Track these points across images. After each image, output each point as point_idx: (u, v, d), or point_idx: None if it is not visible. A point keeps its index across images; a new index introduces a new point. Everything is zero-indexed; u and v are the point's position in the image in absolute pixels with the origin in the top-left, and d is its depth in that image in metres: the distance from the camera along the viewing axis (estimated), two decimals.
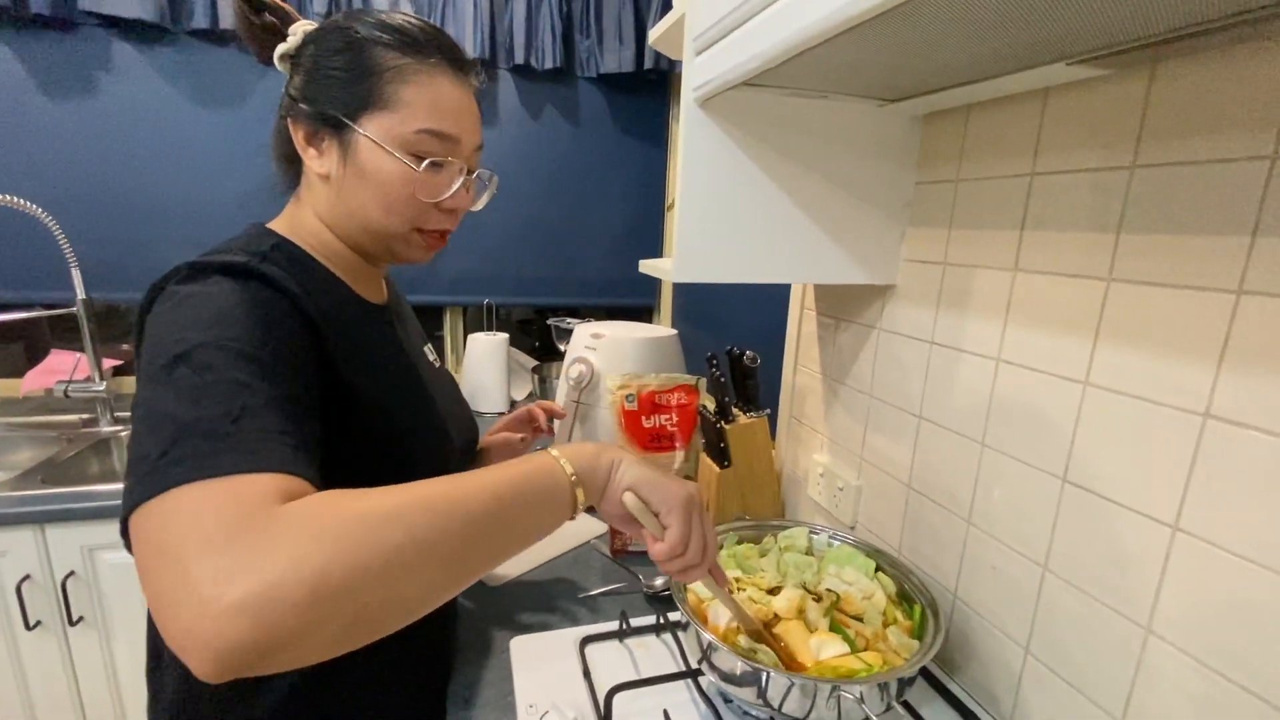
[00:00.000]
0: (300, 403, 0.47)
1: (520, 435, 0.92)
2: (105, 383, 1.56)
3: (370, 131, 0.58)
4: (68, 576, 1.25)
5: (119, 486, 1.26)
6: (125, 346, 1.82)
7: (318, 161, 0.60)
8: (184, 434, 0.39)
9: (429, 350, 0.82)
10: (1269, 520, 0.45)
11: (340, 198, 0.61)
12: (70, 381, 1.53)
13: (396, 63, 0.58)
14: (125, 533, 0.39)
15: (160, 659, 0.62)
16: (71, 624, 1.27)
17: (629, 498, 0.53)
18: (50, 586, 1.25)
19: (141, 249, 1.67)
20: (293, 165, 0.65)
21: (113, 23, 1.56)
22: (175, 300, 0.49)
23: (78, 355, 1.61)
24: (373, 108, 0.58)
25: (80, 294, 1.50)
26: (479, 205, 0.70)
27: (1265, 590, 0.45)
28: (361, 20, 0.60)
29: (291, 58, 0.62)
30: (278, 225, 0.64)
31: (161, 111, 1.65)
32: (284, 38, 0.62)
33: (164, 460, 0.38)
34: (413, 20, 0.60)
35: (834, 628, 0.67)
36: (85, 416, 1.61)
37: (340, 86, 0.58)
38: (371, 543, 0.36)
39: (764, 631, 0.66)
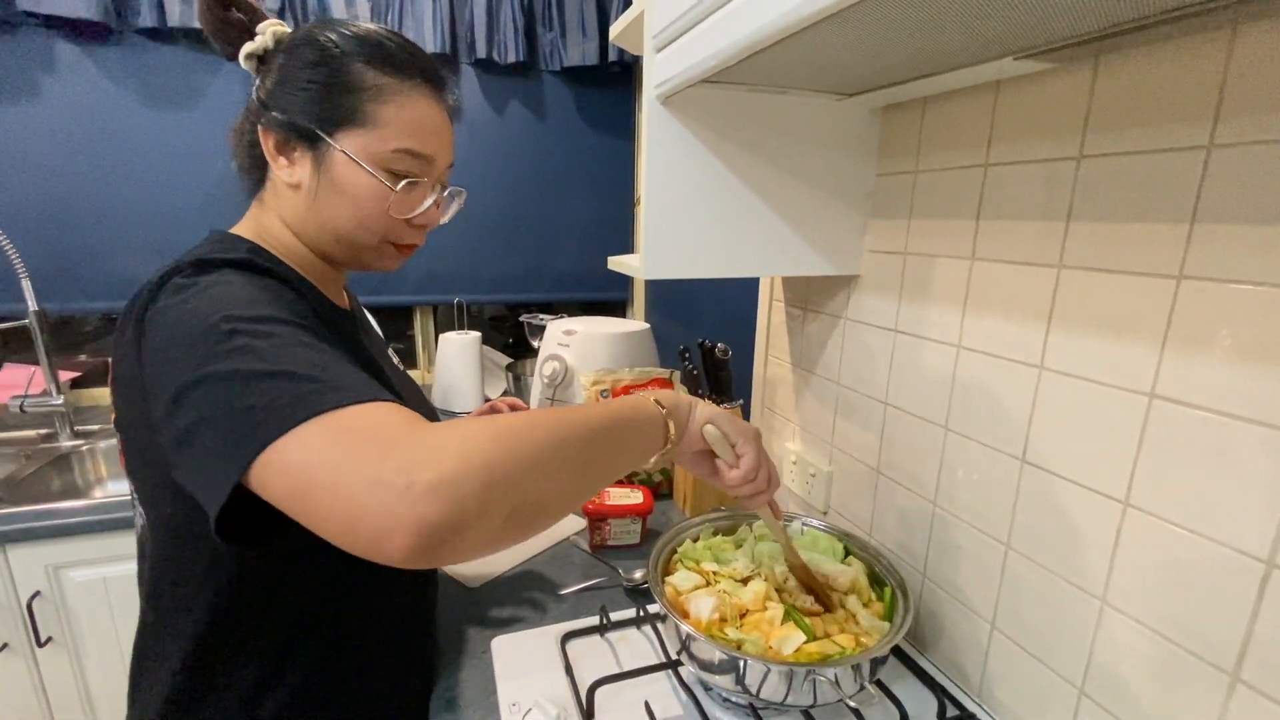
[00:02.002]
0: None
1: None
2: (63, 396, 1.52)
3: (347, 147, 0.58)
4: (33, 597, 1.21)
5: (84, 503, 1.24)
6: (82, 358, 1.76)
7: (287, 171, 0.60)
8: (294, 378, 0.42)
9: (392, 354, 0.83)
10: (1209, 493, 0.47)
11: (311, 208, 0.60)
12: (26, 396, 1.48)
13: (376, 81, 0.58)
14: (233, 496, 0.41)
15: (140, 682, 0.61)
16: (40, 645, 1.23)
17: (710, 429, 0.61)
18: (15, 608, 1.21)
19: (95, 257, 1.61)
20: (256, 170, 0.63)
21: (55, 23, 1.50)
22: (193, 290, 0.49)
23: (32, 369, 1.56)
24: (351, 124, 0.57)
25: (32, 305, 1.45)
26: (445, 219, 0.71)
27: (1205, 558, 0.48)
28: (339, 33, 0.58)
29: (259, 59, 0.61)
30: (242, 231, 0.62)
31: (110, 113, 1.59)
32: (252, 35, 0.60)
33: (291, 401, 0.40)
34: (392, 38, 0.60)
35: (790, 616, 0.68)
36: (44, 431, 1.56)
37: (317, 100, 0.57)
38: (521, 443, 0.42)
39: (807, 573, 0.72)
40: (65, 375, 1.59)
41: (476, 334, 1.76)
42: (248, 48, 0.60)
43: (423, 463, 0.37)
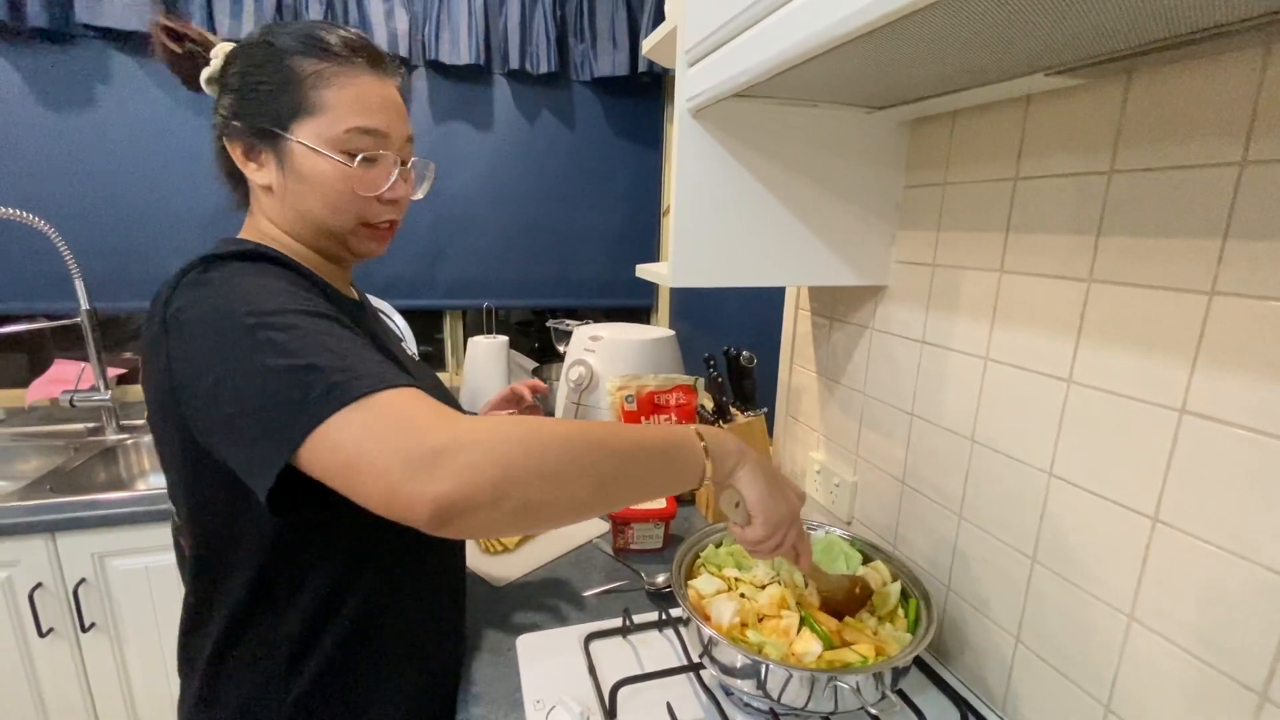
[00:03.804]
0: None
1: (508, 411, 0.97)
2: (110, 392, 1.58)
3: (302, 137, 0.60)
4: (79, 584, 1.27)
5: (128, 494, 1.29)
6: (128, 355, 1.83)
7: (259, 174, 0.62)
8: (319, 370, 0.45)
9: (406, 346, 0.85)
10: (1240, 510, 0.47)
11: (286, 204, 0.63)
12: (76, 391, 1.55)
13: (316, 68, 0.59)
14: (282, 478, 0.45)
15: (190, 658, 0.64)
16: (84, 630, 1.29)
17: (727, 494, 0.61)
18: (62, 594, 1.27)
19: (144, 258, 1.68)
20: (238, 183, 0.67)
21: (109, 34, 1.58)
22: (209, 288, 0.52)
23: (82, 365, 1.63)
24: (301, 114, 0.59)
25: (84, 304, 1.52)
26: (419, 194, 0.72)
27: (1236, 576, 0.47)
28: (278, 34, 0.61)
29: (218, 80, 0.64)
30: (246, 236, 0.65)
31: (160, 121, 1.66)
32: (207, 62, 0.63)
33: (326, 389, 0.44)
34: (329, 28, 0.62)
35: (805, 624, 0.68)
36: (91, 425, 1.63)
37: (267, 99, 0.60)
38: (543, 449, 0.46)
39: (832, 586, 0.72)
40: (113, 372, 1.66)
41: (504, 338, 1.79)
42: (206, 73, 0.63)
43: (450, 449, 0.42)
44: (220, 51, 0.63)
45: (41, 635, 1.26)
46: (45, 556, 1.24)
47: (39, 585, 1.24)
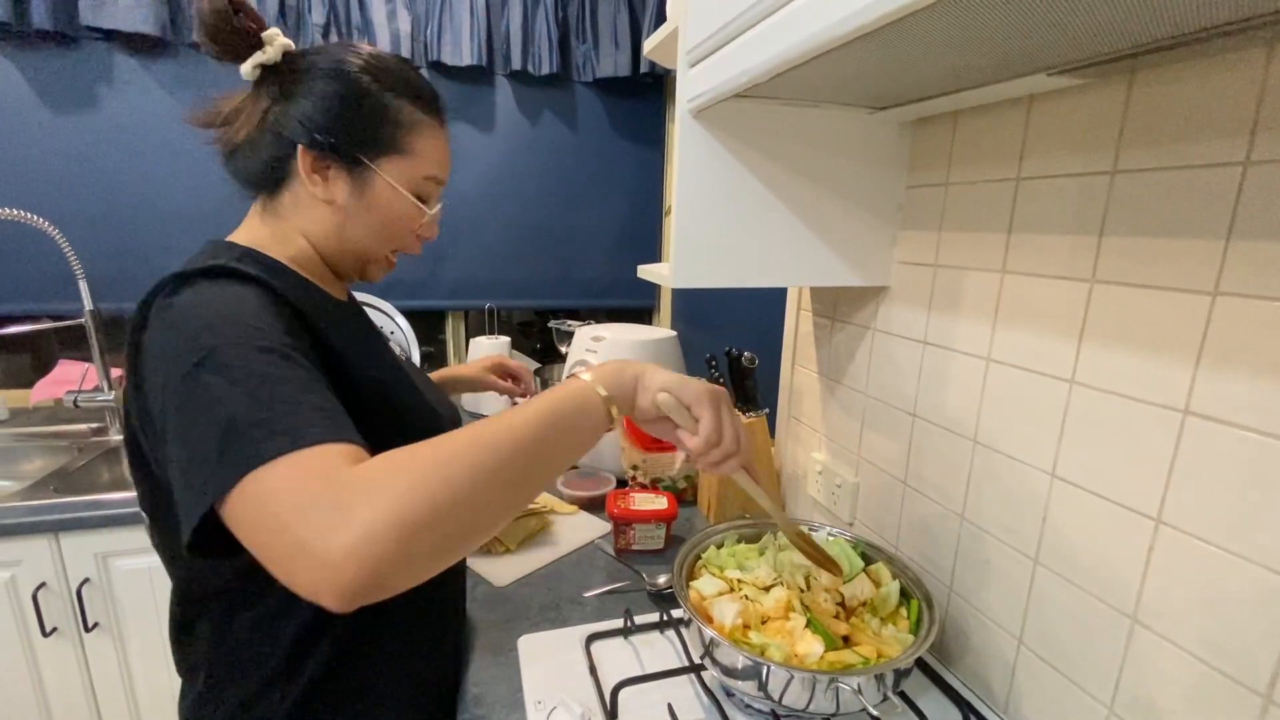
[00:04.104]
0: (321, 380, 0.50)
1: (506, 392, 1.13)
2: (114, 392, 1.59)
3: (388, 174, 0.64)
4: (82, 583, 1.27)
5: (131, 494, 1.28)
6: None
7: (322, 189, 0.63)
8: (235, 428, 0.43)
9: (395, 347, 0.87)
10: (1244, 512, 0.47)
11: (343, 225, 0.65)
12: (79, 391, 1.55)
13: (414, 118, 0.65)
14: (199, 532, 0.43)
15: (186, 657, 0.64)
16: (87, 630, 1.29)
17: (663, 397, 0.57)
18: (65, 593, 1.27)
19: (148, 259, 1.69)
20: (269, 179, 0.65)
21: (114, 36, 1.58)
22: (172, 312, 0.51)
23: (86, 365, 1.64)
24: (393, 153, 0.64)
25: (88, 305, 1.52)
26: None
27: (1240, 578, 0.47)
28: (370, 65, 0.63)
29: (274, 72, 0.62)
30: (240, 238, 0.64)
31: (164, 122, 1.67)
32: (258, 44, 0.61)
33: (229, 453, 0.42)
34: (419, 75, 0.67)
35: (811, 624, 0.68)
36: (95, 425, 1.64)
37: (363, 129, 0.63)
38: (437, 485, 0.41)
39: (807, 541, 0.73)
40: (116, 372, 1.67)
41: (506, 339, 1.79)
42: (258, 58, 0.61)
43: (338, 527, 0.38)
44: (277, 41, 0.61)
45: (45, 635, 1.26)
46: (49, 556, 1.25)
47: (43, 585, 1.25)
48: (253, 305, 0.52)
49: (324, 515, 0.39)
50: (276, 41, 0.62)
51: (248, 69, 0.62)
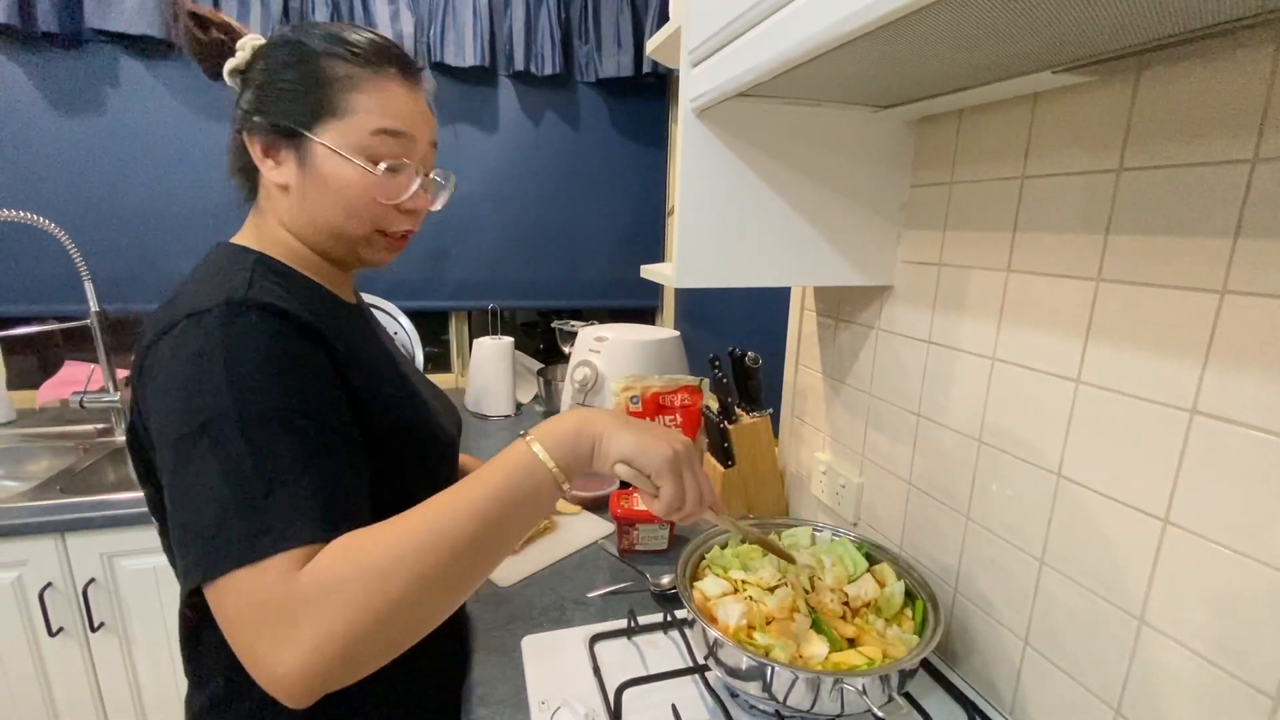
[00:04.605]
0: (324, 438, 0.50)
1: None
2: (119, 393, 1.59)
3: (326, 139, 0.59)
4: (88, 583, 1.27)
5: (137, 495, 1.29)
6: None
7: (276, 172, 0.61)
8: (223, 518, 0.45)
9: (402, 348, 0.85)
10: (1253, 512, 0.46)
11: (302, 206, 0.62)
12: (85, 392, 1.56)
13: (347, 72, 0.59)
14: (196, 591, 0.46)
15: (198, 661, 0.65)
16: (93, 630, 1.30)
17: (621, 469, 0.56)
18: (71, 593, 1.28)
19: (153, 260, 1.69)
20: (249, 177, 0.65)
21: (119, 39, 1.59)
22: (177, 360, 0.50)
23: (91, 366, 1.64)
24: (327, 116, 0.59)
25: (93, 306, 1.53)
26: (438, 205, 0.70)
27: (1251, 580, 0.47)
28: (311, 34, 0.60)
29: (241, 72, 0.62)
30: (244, 239, 0.64)
31: (169, 125, 1.67)
32: (232, 53, 0.62)
33: (215, 543, 0.45)
34: (361, 32, 0.61)
35: (816, 627, 0.68)
36: (100, 426, 1.64)
37: (294, 99, 0.59)
38: (379, 596, 0.44)
39: (768, 541, 0.72)
40: (122, 373, 1.67)
41: (509, 339, 1.79)
42: (230, 64, 0.62)
43: (286, 645, 0.42)
44: (248, 44, 0.62)
45: (51, 635, 1.27)
46: (55, 556, 1.25)
47: (49, 585, 1.25)
48: (261, 354, 0.50)
49: (275, 631, 0.42)
50: (247, 46, 0.62)
51: (225, 79, 0.63)
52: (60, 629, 1.28)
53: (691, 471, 0.58)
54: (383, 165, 0.60)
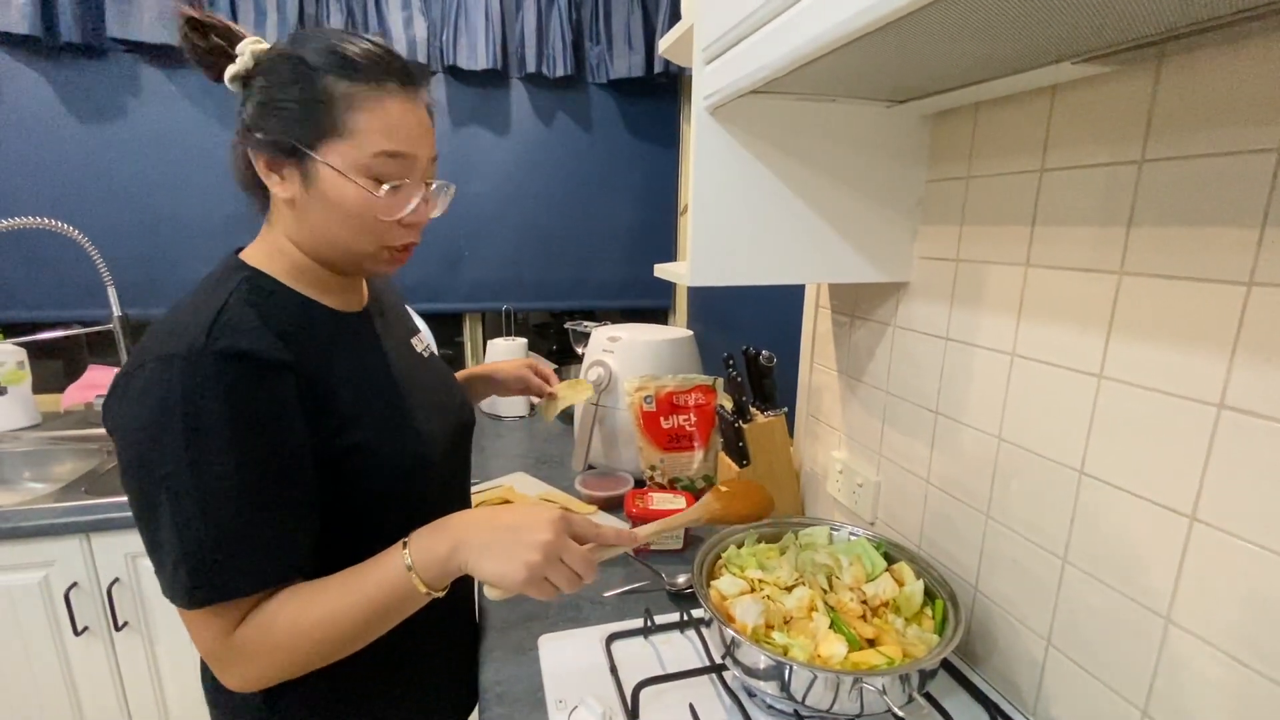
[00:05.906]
0: (273, 493, 0.56)
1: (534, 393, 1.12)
2: None
3: (328, 159, 0.59)
4: (113, 583, 1.30)
5: None
6: None
7: (281, 187, 0.61)
8: (176, 566, 0.53)
9: (416, 341, 0.83)
10: None
11: (306, 221, 0.62)
12: None
13: (348, 91, 0.58)
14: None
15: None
16: (117, 629, 1.32)
17: (491, 593, 0.65)
18: (96, 593, 1.30)
19: (174, 266, 1.72)
20: (259, 188, 0.65)
21: (139, 48, 1.62)
22: (144, 407, 0.53)
23: (115, 370, 1.67)
24: (329, 136, 0.58)
25: (116, 311, 1.56)
26: (437, 213, 0.70)
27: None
28: (310, 48, 0.59)
29: (243, 79, 0.62)
30: (253, 250, 0.65)
31: (188, 132, 1.70)
32: (233, 57, 0.61)
33: (174, 582, 0.54)
34: (361, 44, 0.60)
35: (835, 627, 0.67)
36: None
37: (295, 117, 0.58)
38: (297, 654, 0.58)
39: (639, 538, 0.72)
40: None
41: (523, 340, 1.80)
42: (231, 70, 0.61)
43: (228, 673, 0.58)
44: (248, 48, 0.61)
45: (77, 634, 1.29)
46: (80, 557, 1.28)
47: (74, 585, 1.28)
48: (216, 413, 0.53)
49: (217, 666, 0.58)
50: (248, 51, 0.61)
51: (227, 84, 0.62)
52: (85, 628, 1.31)
53: (556, 565, 0.62)
54: (386, 187, 0.61)
